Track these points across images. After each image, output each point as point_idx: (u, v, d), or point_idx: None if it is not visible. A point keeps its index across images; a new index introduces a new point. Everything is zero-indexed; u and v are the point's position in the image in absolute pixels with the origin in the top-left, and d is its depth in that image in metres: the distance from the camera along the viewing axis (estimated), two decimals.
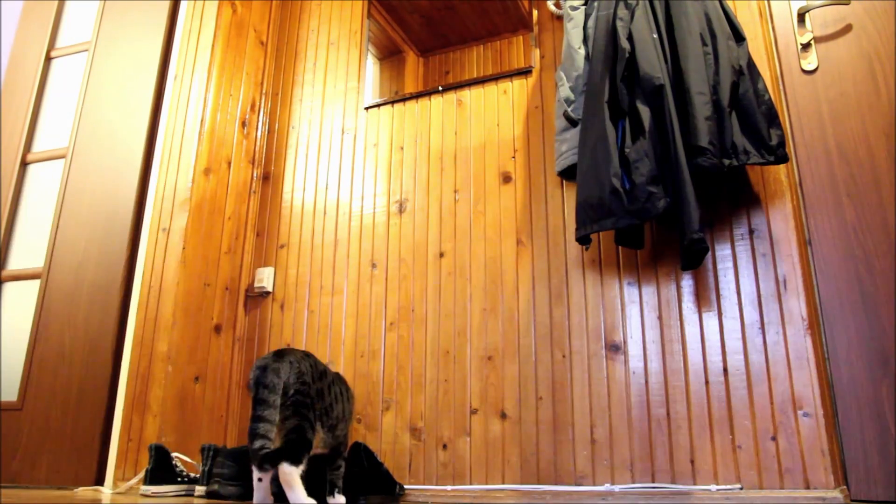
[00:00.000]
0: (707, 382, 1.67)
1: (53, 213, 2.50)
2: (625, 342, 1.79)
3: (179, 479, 1.83)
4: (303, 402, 1.37)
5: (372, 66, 2.49)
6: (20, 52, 2.89)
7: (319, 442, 1.50)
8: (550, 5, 2.19)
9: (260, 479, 1.40)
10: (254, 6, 2.66)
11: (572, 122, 1.87)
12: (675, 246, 1.80)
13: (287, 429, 1.35)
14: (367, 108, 2.41)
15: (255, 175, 2.53)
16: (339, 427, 1.59)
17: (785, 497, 1.49)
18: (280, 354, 1.44)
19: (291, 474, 1.29)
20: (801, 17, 1.92)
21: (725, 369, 1.66)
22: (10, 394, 2.32)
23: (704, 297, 1.74)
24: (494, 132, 2.16)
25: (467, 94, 2.25)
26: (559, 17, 2.17)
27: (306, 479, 1.42)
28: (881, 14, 1.85)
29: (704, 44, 1.65)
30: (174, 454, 1.86)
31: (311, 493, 1.37)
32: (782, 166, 1.74)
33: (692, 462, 1.63)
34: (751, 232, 1.73)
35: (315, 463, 1.60)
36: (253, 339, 2.31)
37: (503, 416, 1.87)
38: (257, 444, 1.31)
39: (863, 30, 1.86)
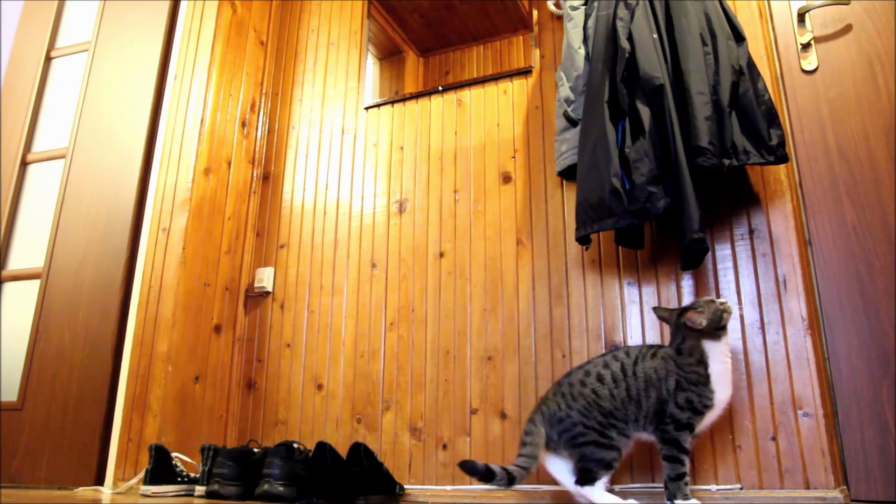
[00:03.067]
0: None
1: (53, 213, 2.50)
2: (625, 342, 1.79)
3: (179, 479, 1.83)
4: (568, 430, 1.44)
5: (372, 66, 2.49)
6: (20, 52, 2.89)
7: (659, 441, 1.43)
8: (550, 5, 2.19)
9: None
10: (254, 6, 2.66)
11: (572, 122, 1.87)
12: (675, 246, 1.80)
13: (574, 460, 1.45)
14: (367, 108, 2.41)
15: (255, 175, 2.53)
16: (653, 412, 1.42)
17: (785, 497, 1.49)
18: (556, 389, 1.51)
19: (587, 494, 1.42)
20: (801, 17, 1.92)
21: None
22: (10, 394, 2.32)
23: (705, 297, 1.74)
24: (494, 132, 2.16)
25: (467, 94, 2.25)
26: (559, 17, 2.17)
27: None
28: (881, 14, 1.85)
29: (704, 44, 1.65)
30: (174, 454, 1.86)
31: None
32: (782, 166, 1.74)
33: (692, 462, 1.63)
34: (751, 232, 1.73)
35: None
36: (253, 339, 2.31)
37: (503, 416, 1.87)
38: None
39: (863, 30, 1.86)
